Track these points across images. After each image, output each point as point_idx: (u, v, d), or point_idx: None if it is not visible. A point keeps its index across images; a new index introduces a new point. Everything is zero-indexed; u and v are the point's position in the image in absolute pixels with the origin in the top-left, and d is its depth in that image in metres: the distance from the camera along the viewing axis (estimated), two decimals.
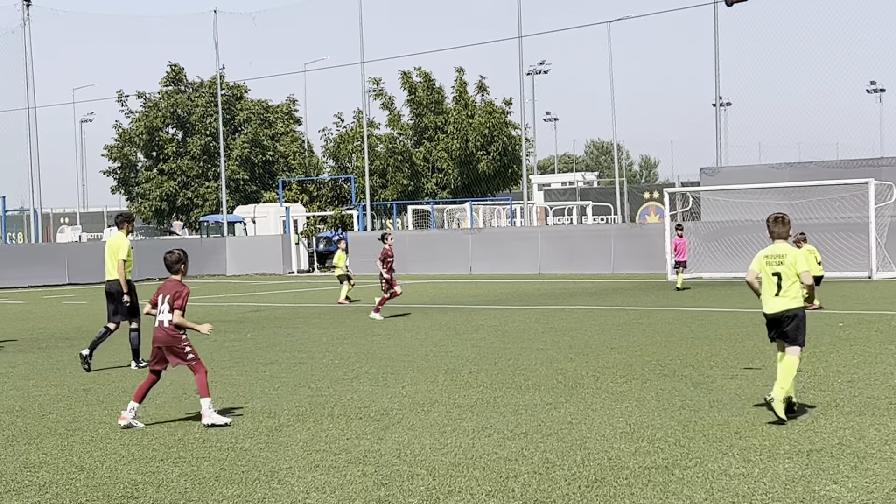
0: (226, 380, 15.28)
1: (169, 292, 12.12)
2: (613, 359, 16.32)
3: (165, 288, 12.21)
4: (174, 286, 12.18)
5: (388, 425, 11.42)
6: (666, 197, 41.49)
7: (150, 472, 9.62)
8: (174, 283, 12.24)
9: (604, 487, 8.62)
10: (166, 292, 12.14)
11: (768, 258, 11.40)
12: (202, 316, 27.23)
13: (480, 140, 65.25)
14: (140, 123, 72.29)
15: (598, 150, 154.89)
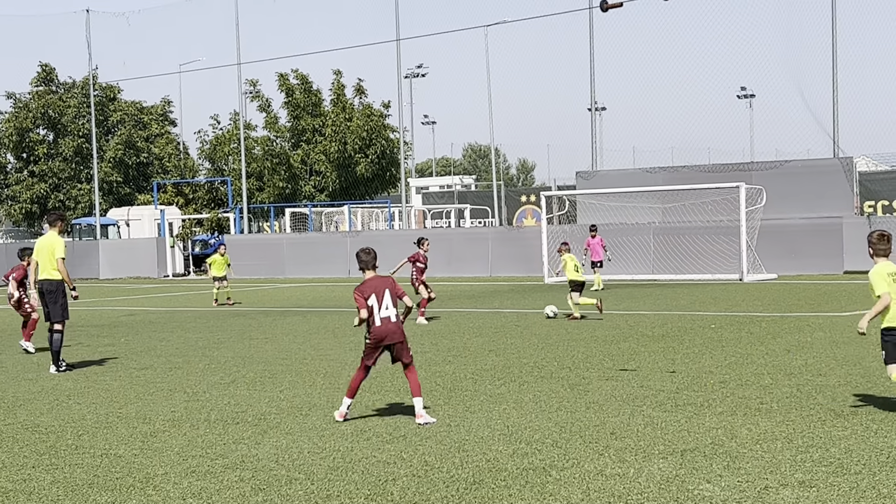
0: (99, 385, 15.02)
1: (387, 287, 11.74)
2: (491, 361, 16.41)
3: (376, 284, 11.73)
4: (386, 279, 11.83)
5: (265, 430, 11.33)
6: (542, 200, 41.88)
7: (21, 479, 9.41)
8: (383, 278, 11.86)
9: (482, 489, 8.66)
10: (383, 287, 11.72)
11: (893, 276, 11.15)
12: (74, 321, 26.73)
13: (359, 143, 65.12)
14: (9, 124, 70.73)
15: (476, 154, 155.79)
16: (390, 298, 11.73)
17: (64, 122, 71.05)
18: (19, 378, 16.13)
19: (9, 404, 13.53)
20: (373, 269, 11.97)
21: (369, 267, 11.96)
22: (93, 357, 18.62)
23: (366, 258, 11.97)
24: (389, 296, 11.73)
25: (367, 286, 11.75)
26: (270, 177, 65.18)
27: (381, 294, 11.70)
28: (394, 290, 11.78)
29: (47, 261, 17.21)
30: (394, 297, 11.75)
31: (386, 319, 11.69)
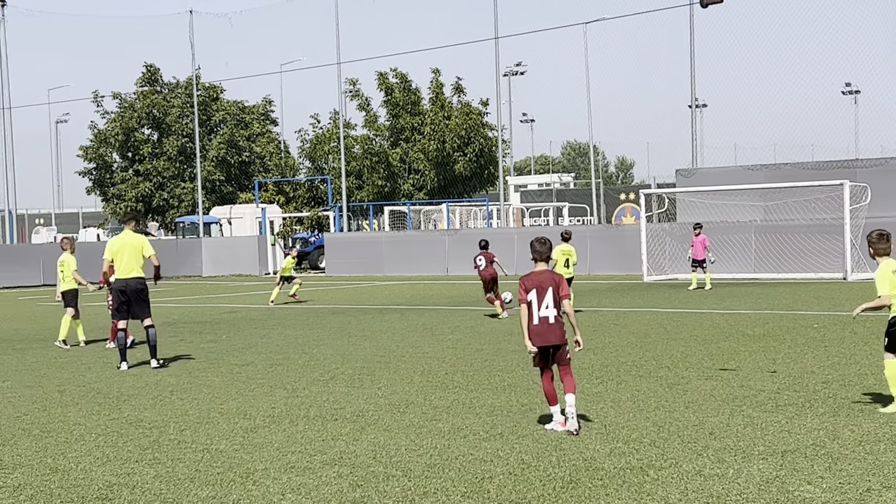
0: (201, 381, 15.25)
1: (551, 284, 10.91)
2: (589, 360, 16.34)
3: (541, 279, 10.95)
4: (554, 276, 11.00)
5: (363, 427, 11.41)
6: (642, 198, 41.59)
7: (124, 473, 9.59)
8: (551, 274, 11.04)
9: (579, 488, 8.64)
10: (547, 284, 10.90)
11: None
12: (178, 318, 27.17)
13: (457, 141, 65.24)
14: (116, 124, 71.98)
15: (575, 152, 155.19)
16: (552, 297, 10.91)
17: (168, 122, 72.18)
18: (124, 374, 16.44)
19: (113, 399, 13.80)
20: (545, 261, 11.10)
21: (542, 258, 11.08)
22: (195, 353, 18.91)
23: (540, 248, 11.09)
24: (552, 294, 10.92)
25: (531, 279, 10.99)
26: (369, 175, 65.60)
27: (543, 290, 10.93)
28: (558, 288, 10.94)
29: (133, 259, 17.33)
30: (556, 296, 10.92)
31: (544, 319, 10.88)
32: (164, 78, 74.70)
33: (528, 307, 10.88)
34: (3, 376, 16.48)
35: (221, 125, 73.33)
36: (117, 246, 17.45)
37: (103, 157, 73.07)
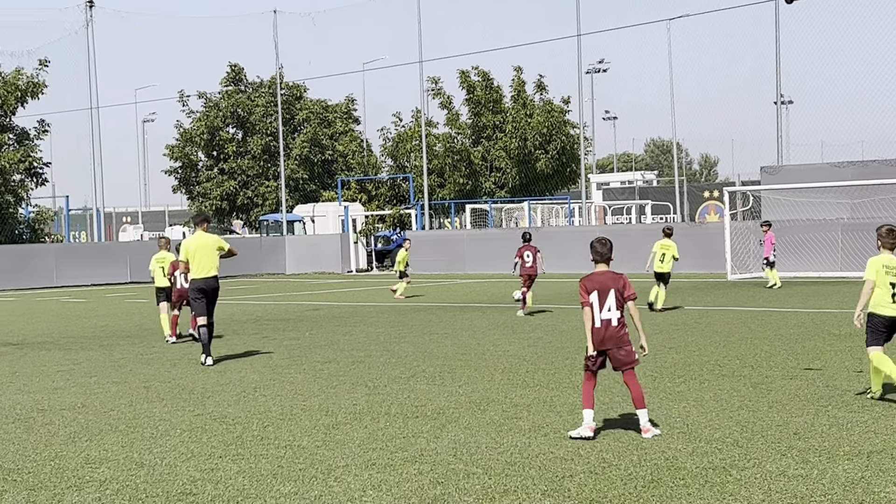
0: (284, 378, 15.38)
1: (613, 285, 10.68)
2: (671, 359, 16.23)
3: (602, 280, 10.74)
4: (616, 277, 10.77)
5: (444, 424, 11.44)
6: (726, 196, 41.18)
7: (208, 468, 9.71)
8: (614, 275, 10.80)
9: (660, 488, 8.58)
10: (609, 285, 10.68)
11: (887, 268, 12.16)
12: (261, 315, 27.45)
13: (539, 139, 65.10)
14: (201, 123, 72.77)
15: (658, 149, 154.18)
16: (615, 299, 10.65)
17: (252, 121, 72.82)
18: (208, 370, 16.64)
19: (198, 396, 13.97)
20: (605, 262, 10.87)
21: (602, 259, 10.85)
22: (278, 350, 19.08)
23: (600, 249, 10.86)
24: (615, 296, 10.66)
25: (592, 280, 10.77)
26: (451, 173, 65.69)
27: (605, 292, 10.67)
28: (623, 289, 10.69)
29: (210, 258, 17.86)
30: (619, 297, 10.66)
31: (606, 322, 10.62)
32: (249, 77, 75.39)
33: (591, 309, 10.65)
34: (91, 372, 16.76)
35: (305, 124, 73.83)
36: (194, 247, 17.97)
37: (189, 156, 73.94)
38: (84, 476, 9.55)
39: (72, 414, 12.82)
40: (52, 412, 12.99)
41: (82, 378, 16.03)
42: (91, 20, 55.59)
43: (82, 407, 13.32)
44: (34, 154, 53.80)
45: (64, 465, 10.02)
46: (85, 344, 21.28)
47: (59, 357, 19.04)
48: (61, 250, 49.68)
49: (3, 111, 53.23)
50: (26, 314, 30.58)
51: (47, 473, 9.69)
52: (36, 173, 54.22)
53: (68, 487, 9.17)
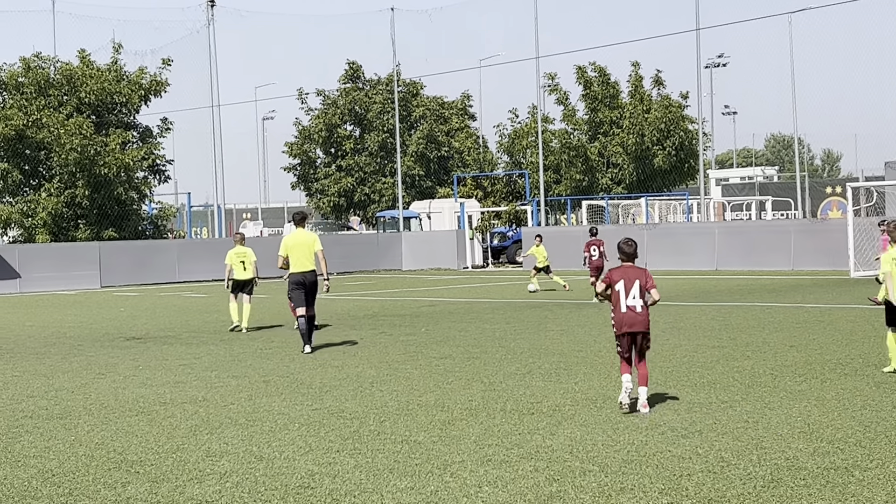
0: (400, 373, 15.47)
1: (638, 277, 12.15)
2: (792, 357, 15.97)
3: (628, 273, 12.19)
4: (640, 270, 12.27)
5: (560, 421, 11.40)
6: (849, 192, 40.39)
7: (326, 462, 9.80)
8: (637, 268, 12.31)
9: (780, 488, 8.45)
10: (634, 277, 12.14)
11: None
12: (378, 311, 27.65)
13: (656, 135, 64.50)
14: (319, 120, 73.51)
15: (779, 144, 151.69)
16: (639, 288, 12.10)
17: (369, 118, 73.34)
18: (326, 365, 16.81)
19: (316, 391, 14.12)
20: (631, 260, 12.35)
21: (628, 259, 12.33)
22: (395, 346, 19.19)
23: (626, 249, 12.34)
24: (639, 285, 12.11)
25: (618, 271, 12.28)
26: (567, 169, 65.41)
27: (630, 281, 12.12)
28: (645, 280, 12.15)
29: (306, 254, 18.72)
30: (643, 287, 12.11)
31: (631, 308, 12.06)
32: (366, 75, 75.94)
33: (616, 296, 12.10)
34: (212, 366, 17.04)
35: (421, 121, 74.15)
36: (292, 243, 18.85)
37: (307, 153, 74.73)
38: (205, 469, 9.72)
39: (193, 407, 13.04)
40: (173, 405, 13.23)
41: (203, 372, 16.31)
42: (212, 19, 56.49)
43: (203, 400, 13.55)
44: (157, 151, 54.86)
45: (185, 457, 10.20)
46: (206, 338, 21.65)
47: (181, 351, 19.40)
48: (183, 246, 50.57)
49: (127, 109, 54.39)
50: (149, 309, 31.22)
51: (169, 466, 9.87)
52: (159, 170, 55.30)
53: (189, 480, 9.33)
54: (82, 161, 49.67)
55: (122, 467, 9.84)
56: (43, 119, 50.55)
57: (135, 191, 53.40)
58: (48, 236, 50.06)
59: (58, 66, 53.78)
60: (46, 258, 44.94)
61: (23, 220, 50.92)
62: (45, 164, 52.05)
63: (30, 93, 52.07)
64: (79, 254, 45.88)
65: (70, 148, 49.25)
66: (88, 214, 51.35)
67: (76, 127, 49.82)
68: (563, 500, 8.32)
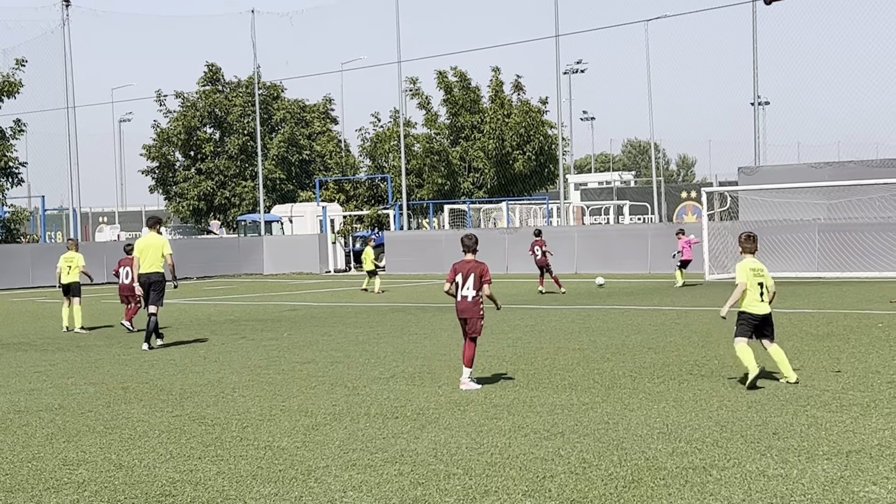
0: (263, 378, 15.34)
1: (474, 271, 13.83)
2: (650, 359, 16.26)
3: (467, 267, 13.87)
4: (478, 265, 13.91)
5: (424, 424, 11.43)
6: (703, 196, 41.30)
7: (187, 470, 9.67)
8: (476, 263, 13.95)
9: (641, 488, 8.59)
10: (471, 270, 13.84)
11: (754, 270, 13.74)
12: (239, 315, 27.39)
13: (517, 139, 65.14)
14: (178, 123, 72.55)
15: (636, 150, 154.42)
16: (474, 281, 13.83)
17: (230, 121, 72.63)
18: (187, 371, 16.58)
19: (177, 397, 13.92)
20: (473, 252, 14.05)
21: (469, 250, 14.06)
22: (256, 351, 19.03)
23: (468, 242, 14.11)
24: (474, 279, 13.83)
25: (460, 265, 13.97)
26: (430, 174, 65.65)
27: (467, 275, 13.86)
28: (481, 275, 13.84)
29: (155, 257, 19.93)
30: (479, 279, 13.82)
31: (464, 297, 13.88)
32: (226, 77, 75.20)
33: (456, 287, 13.91)
34: (68, 373, 16.67)
35: (282, 124, 73.70)
36: (142, 245, 20.21)
37: (166, 156, 73.70)
38: (62, 478, 9.50)
39: (49, 415, 12.75)
40: (28, 413, 12.91)
41: (59, 379, 15.95)
42: (67, 19, 55.30)
43: (59, 408, 13.25)
44: (10, 153, 53.54)
45: (41, 466, 9.96)
46: (61, 345, 21.18)
47: (36, 358, 18.94)
48: (37, 250, 49.41)
49: None
50: (1, 315, 30.42)
51: (24, 475, 9.63)
52: (12, 173, 53.94)
53: (46, 489, 9.12)
54: None
55: None
56: None
57: None
58: None
59: None
60: None
61: None
62: None
63: None
64: None
65: None
66: None
67: None
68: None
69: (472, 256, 14.02)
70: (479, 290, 13.86)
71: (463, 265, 13.95)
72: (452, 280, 13.94)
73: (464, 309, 13.92)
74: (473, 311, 13.87)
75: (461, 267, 13.94)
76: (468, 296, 13.86)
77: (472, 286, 13.83)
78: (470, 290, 13.84)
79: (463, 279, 13.88)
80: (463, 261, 14.01)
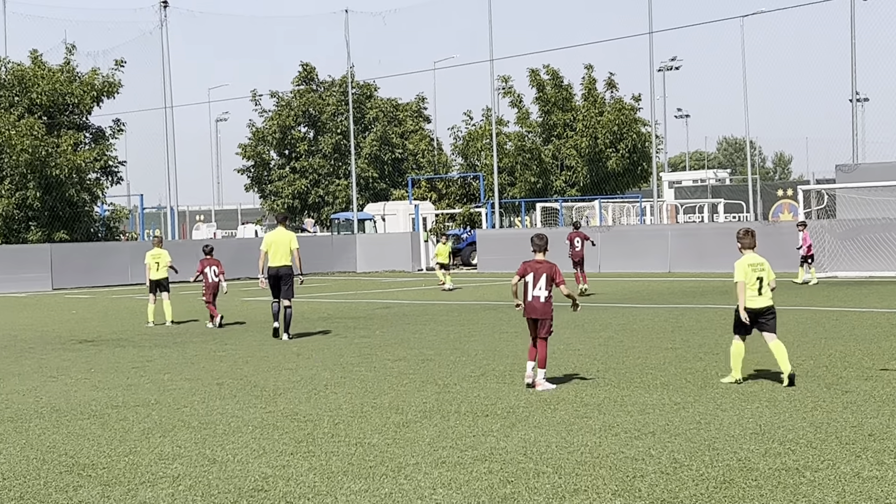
0: (354, 375, 15.45)
1: (546, 271, 13.71)
2: (745, 359, 16.05)
3: (538, 267, 13.73)
4: (550, 266, 13.78)
5: (514, 423, 11.42)
6: (800, 194, 40.76)
7: (279, 465, 9.77)
8: (548, 263, 13.82)
9: (732, 489, 8.51)
10: (542, 270, 13.70)
11: (752, 266, 14.03)
12: (332, 313, 27.62)
13: (609, 137, 64.82)
14: (273, 122, 73.31)
15: (731, 147, 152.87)
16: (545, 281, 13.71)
17: (323, 120, 73.20)
18: (280, 367, 16.75)
19: (270, 393, 14.07)
20: (542, 252, 13.92)
21: (539, 250, 13.94)
22: (348, 348, 19.16)
23: (538, 242, 13.96)
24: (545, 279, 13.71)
25: (529, 264, 13.81)
26: (522, 172, 65.59)
27: (538, 275, 13.72)
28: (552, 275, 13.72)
29: (284, 251, 20.81)
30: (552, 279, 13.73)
31: (536, 297, 13.75)
32: (320, 76, 75.81)
33: (525, 287, 13.81)
34: (165, 369, 16.94)
35: (375, 123, 74.11)
36: (271, 239, 21.03)
37: (261, 155, 74.49)
38: (157, 472, 9.66)
39: (145, 410, 12.96)
40: (126, 408, 13.15)
41: (156, 375, 16.21)
42: (165, 20, 56.20)
43: (156, 403, 13.47)
44: (109, 153, 54.46)
45: (138, 460, 10.14)
46: (158, 341, 21.52)
47: (134, 354, 19.27)
48: (135, 248, 50.20)
49: (79, 110, 53.98)
50: (101, 311, 31.00)
51: (121, 469, 9.81)
52: (111, 172, 54.90)
53: (142, 483, 9.28)
54: (33, 162, 49.23)
55: (73, 471, 9.76)
56: None
57: (87, 192, 52.95)
58: None
59: (8, 66, 53.32)
60: None
61: None
62: None
63: None
64: (30, 256, 45.46)
65: (21, 149, 48.79)
66: (40, 216, 50.87)
67: (27, 128, 49.37)
68: (517, 502, 8.34)
69: (543, 256, 13.92)
70: (551, 290, 13.78)
71: (534, 265, 13.83)
72: (522, 276, 13.81)
73: (535, 309, 13.81)
74: (545, 311, 13.80)
75: (532, 266, 13.82)
76: (540, 296, 13.77)
77: (543, 286, 13.73)
78: (542, 290, 13.74)
79: (534, 279, 13.76)
80: (534, 260, 13.88)
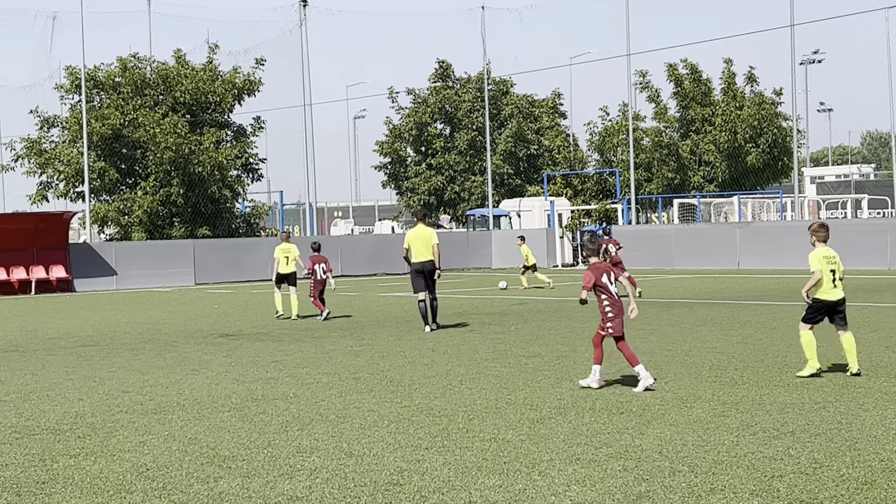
0: (489, 371, 15.48)
1: (612, 270, 13.86)
2: (888, 358, 15.71)
3: (604, 268, 13.73)
4: (607, 265, 13.91)
5: (649, 420, 11.34)
6: None
7: (414, 459, 9.85)
8: (605, 264, 13.94)
9: (874, 490, 8.32)
10: (608, 270, 13.77)
11: (827, 258, 14.18)
12: (467, 308, 27.71)
13: (749, 132, 63.77)
14: (409, 119, 73.83)
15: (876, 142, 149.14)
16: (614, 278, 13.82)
17: (459, 117, 73.48)
18: (415, 363, 16.87)
19: (405, 388, 14.18)
20: (597, 255, 13.93)
21: (594, 254, 13.94)
22: (483, 344, 19.21)
23: (591, 246, 14.10)
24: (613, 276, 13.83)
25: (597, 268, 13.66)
26: (659, 167, 64.95)
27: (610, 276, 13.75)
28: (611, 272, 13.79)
29: (424, 246, 21.82)
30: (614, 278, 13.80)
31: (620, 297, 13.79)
32: (456, 73, 76.08)
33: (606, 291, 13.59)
34: (303, 363, 17.19)
35: (510, 119, 74.12)
36: (413, 236, 22.06)
37: (397, 152, 75.07)
38: (295, 464, 9.81)
39: (284, 404, 13.17)
40: (265, 401, 13.38)
41: (294, 369, 16.47)
42: (304, 19, 56.96)
43: (294, 397, 13.68)
44: (250, 150, 55.50)
45: (276, 453, 10.31)
46: (297, 336, 21.85)
47: (273, 348, 19.60)
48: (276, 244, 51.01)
49: (221, 108, 55.11)
50: (242, 306, 31.58)
51: (260, 461, 9.99)
52: (252, 169, 55.95)
53: (280, 475, 9.43)
54: (177, 160, 50.45)
55: (214, 462, 9.98)
56: (139, 118, 51.44)
57: (228, 189, 54.06)
58: (144, 234, 50.91)
59: (154, 66, 54.71)
60: (142, 256, 45.71)
61: (119, 218, 51.84)
62: (140, 162, 52.95)
63: (126, 93, 53.01)
64: (174, 251, 46.58)
65: (165, 147, 50.05)
66: (183, 212, 52.12)
67: (171, 126, 50.61)
68: (653, 500, 8.28)
69: (597, 259, 13.91)
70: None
71: (600, 268, 13.69)
72: (594, 285, 13.55)
73: (622, 308, 13.71)
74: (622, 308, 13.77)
75: (600, 270, 13.65)
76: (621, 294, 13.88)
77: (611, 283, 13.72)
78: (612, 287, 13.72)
79: (613, 281, 13.70)
80: (595, 264, 13.76)
